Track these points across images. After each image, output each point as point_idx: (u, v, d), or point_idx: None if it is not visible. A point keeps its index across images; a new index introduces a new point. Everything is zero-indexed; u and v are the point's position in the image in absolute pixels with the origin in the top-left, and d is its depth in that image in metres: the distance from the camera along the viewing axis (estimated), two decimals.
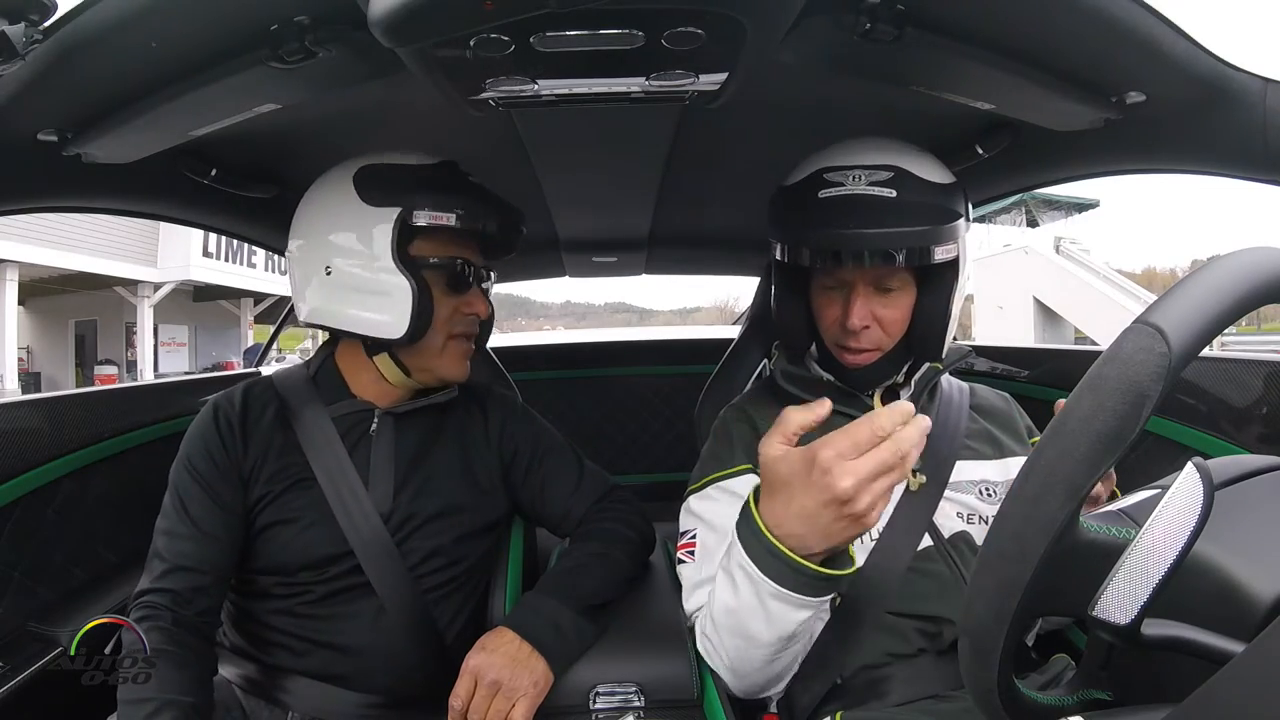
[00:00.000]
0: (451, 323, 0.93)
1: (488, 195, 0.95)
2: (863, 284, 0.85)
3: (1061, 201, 23.28)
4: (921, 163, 0.84)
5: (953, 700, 0.77)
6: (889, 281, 0.85)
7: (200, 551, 0.84)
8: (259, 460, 0.89)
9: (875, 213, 0.80)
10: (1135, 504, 0.48)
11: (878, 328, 0.86)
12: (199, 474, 0.87)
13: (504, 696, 0.76)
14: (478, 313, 0.96)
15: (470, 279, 0.94)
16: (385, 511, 0.89)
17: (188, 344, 14.97)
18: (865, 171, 0.82)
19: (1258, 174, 0.79)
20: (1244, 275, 0.40)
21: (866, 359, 0.88)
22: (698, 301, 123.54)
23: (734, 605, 0.70)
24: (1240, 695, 0.31)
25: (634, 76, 0.74)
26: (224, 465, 0.88)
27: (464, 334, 0.95)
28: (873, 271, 0.84)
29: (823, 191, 0.83)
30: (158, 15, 0.63)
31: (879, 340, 0.87)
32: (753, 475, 0.90)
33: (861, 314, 0.84)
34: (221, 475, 0.88)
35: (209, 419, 0.91)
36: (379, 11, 0.53)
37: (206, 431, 0.90)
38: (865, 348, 0.87)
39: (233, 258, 13.07)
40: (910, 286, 0.86)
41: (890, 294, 0.85)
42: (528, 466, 1.02)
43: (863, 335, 0.86)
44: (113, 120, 0.77)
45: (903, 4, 0.65)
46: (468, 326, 0.95)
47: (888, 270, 0.84)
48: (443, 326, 0.92)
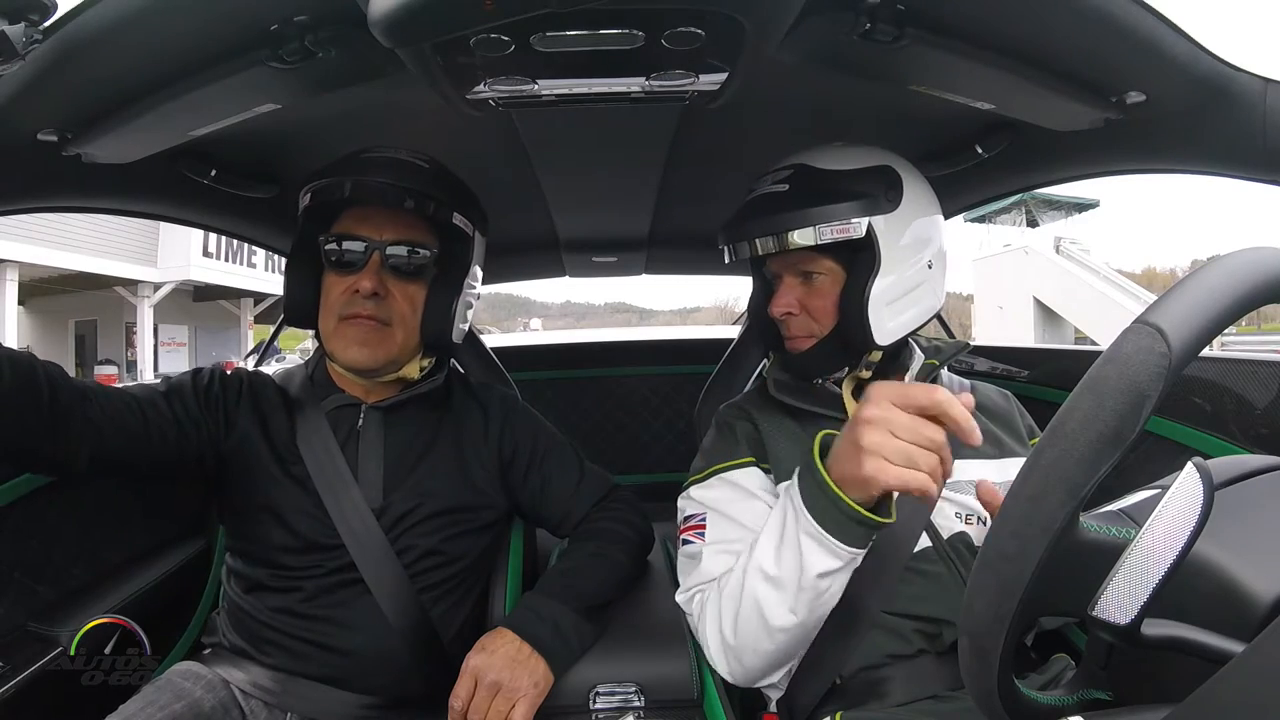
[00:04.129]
0: (341, 303, 0.90)
1: (381, 164, 0.89)
2: (787, 274, 0.92)
3: (1061, 201, 23.29)
4: (830, 157, 0.89)
5: (953, 700, 0.77)
6: (810, 268, 0.90)
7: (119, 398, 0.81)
8: (256, 424, 0.92)
9: (768, 206, 0.88)
10: (1135, 504, 0.48)
11: (806, 315, 0.90)
12: (197, 384, 0.92)
13: (504, 697, 0.76)
14: (359, 289, 0.89)
15: (361, 257, 0.90)
16: (377, 508, 0.90)
17: (188, 344, 14.97)
18: (770, 175, 0.91)
19: (1257, 174, 0.79)
20: (1244, 275, 0.40)
21: (801, 344, 0.92)
22: (698, 301, 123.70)
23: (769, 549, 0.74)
24: (1240, 695, 0.31)
25: (634, 76, 0.74)
26: (219, 396, 0.92)
27: (354, 315, 0.90)
28: (792, 261, 0.90)
29: (748, 197, 0.93)
30: (158, 15, 0.63)
31: (809, 327, 0.91)
32: (755, 469, 0.91)
33: (781, 302, 0.91)
34: (211, 401, 0.91)
35: (227, 373, 0.96)
36: (379, 11, 0.53)
37: (220, 373, 0.95)
38: (797, 334, 0.92)
39: (233, 258, 13.06)
40: (838, 275, 0.89)
41: (814, 282, 0.90)
42: (528, 466, 1.01)
43: (791, 323, 0.91)
44: (113, 120, 0.77)
45: (903, 4, 0.65)
46: (356, 306, 0.89)
47: (806, 258, 0.89)
48: (332, 308, 0.91)
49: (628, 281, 70.67)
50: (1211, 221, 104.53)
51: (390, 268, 0.91)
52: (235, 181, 1.06)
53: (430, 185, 0.90)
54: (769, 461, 0.91)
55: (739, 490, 0.89)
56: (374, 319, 0.90)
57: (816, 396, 0.93)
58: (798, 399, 0.93)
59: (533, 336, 3.05)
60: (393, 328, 0.91)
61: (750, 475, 0.90)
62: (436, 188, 0.91)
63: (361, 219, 0.91)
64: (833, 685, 0.82)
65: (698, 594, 0.85)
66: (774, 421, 0.94)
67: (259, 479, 0.89)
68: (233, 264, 13.11)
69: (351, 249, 0.90)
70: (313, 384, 0.97)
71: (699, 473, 0.94)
